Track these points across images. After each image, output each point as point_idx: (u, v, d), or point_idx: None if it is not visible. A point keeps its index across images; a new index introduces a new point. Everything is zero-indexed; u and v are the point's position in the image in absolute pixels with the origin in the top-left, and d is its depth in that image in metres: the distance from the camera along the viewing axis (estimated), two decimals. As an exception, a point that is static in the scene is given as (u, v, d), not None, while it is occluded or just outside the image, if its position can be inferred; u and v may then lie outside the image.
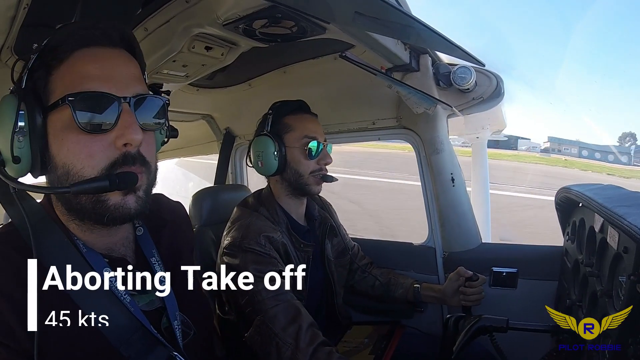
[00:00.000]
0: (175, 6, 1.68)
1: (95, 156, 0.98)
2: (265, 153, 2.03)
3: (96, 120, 0.97)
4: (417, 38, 1.84)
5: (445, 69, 2.41)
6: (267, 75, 2.85)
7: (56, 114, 0.98)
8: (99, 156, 0.99)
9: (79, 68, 1.00)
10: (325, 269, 2.30)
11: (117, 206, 1.01)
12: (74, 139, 0.98)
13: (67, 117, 0.96)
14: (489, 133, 3.95)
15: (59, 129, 0.98)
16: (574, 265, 2.00)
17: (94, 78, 0.99)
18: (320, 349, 1.73)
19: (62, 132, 0.98)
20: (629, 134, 27.08)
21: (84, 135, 0.97)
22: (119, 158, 1.00)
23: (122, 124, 0.99)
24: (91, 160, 0.98)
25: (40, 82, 1.00)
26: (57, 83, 1.00)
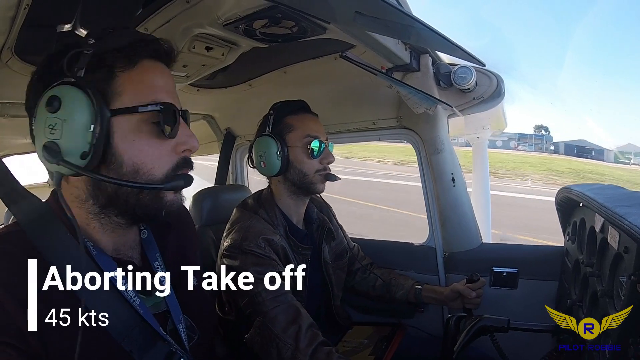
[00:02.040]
0: (175, 6, 1.68)
1: (162, 159, 1.09)
2: (268, 153, 2.04)
3: (168, 127, 1.07)
4: (418, 38, 1.84)
5: (446, 68, 2.41)
6: (267, 76, 2.85)
7: (127, 115, 1.04)
8: (165, 159, 1.09)
9: (150, 78, 1.09)
10: (322, 272, 2.30)
11: (172, 202, 1.13)
12: (145, 141, 1.06)
13: (139, 121, 1.05)
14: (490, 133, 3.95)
15: (127, 130, 1.04)
16: (575, 265, 2.00)
17: (162, 90, 1.10)
18: (320, 349, 1.73)
19: (133, 134, 1.05)
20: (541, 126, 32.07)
21: (155, 140, 1.07)
22: (180, 162, 1.11)
23: (184, 133, 1.12)
24: (159, 162, 1.08)
25: (102, 82, 1.04)
26: (125, 87, 1.05)
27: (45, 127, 0.99)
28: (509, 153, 29.98)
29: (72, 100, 0.99)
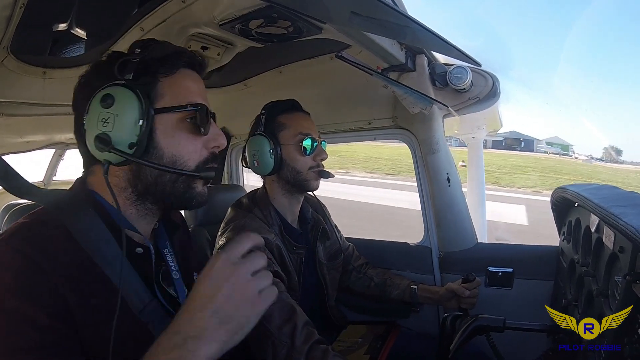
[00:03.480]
0: (171, 6, 1.68)
1: (196, 152, 1.22)
2: (261, 152, 2.04)
3: (202, 125, 1.22)
4: (413, 38, 1.84)
5: (442, 69, 2.41)
6: (263, 75, 2.86)
7: (169, 114, 1.18)
8: (198, 153, 1.23)
9: (187, 83, 1.25)
10: (317, 271, 2.31)
11: (202, 193, 1.26)
12: (184, 136, 1.20)
13: (178, 119, 1.20)
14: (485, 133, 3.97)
15: (169, 126, 1.18)
16: (570, 265, 2.00)
17: (196, 94, 1.25)
18: (315, 347, 1.73)
19: (174, 130, 1.19)
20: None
21: (192, 135, 1.21)
22: (209, 156, 1.26)
23: (214, 131, 1.27)
24: (194, 155, 1.22)
25: (148, 86, 1.16)
26: (165, 90, 1.19)
27: (99, 121, 1.11)
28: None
29: (124, 98, 1.11)
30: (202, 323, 0.91)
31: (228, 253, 0.98)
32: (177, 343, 0.89)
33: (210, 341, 0.91)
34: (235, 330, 0.94)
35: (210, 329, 0.92)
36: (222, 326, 0.93)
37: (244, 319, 0.96)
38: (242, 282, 0.96)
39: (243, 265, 0.97)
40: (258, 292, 0.98)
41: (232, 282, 0.95)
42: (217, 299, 0.93)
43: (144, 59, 1.18)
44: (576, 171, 28.95)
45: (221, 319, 0.93)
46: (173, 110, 1.19)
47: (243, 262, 0.98)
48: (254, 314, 0.97)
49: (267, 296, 1.00)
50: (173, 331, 0.92)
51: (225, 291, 0.94)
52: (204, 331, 0.91)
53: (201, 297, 0.94)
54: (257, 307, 0.98)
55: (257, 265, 1.00)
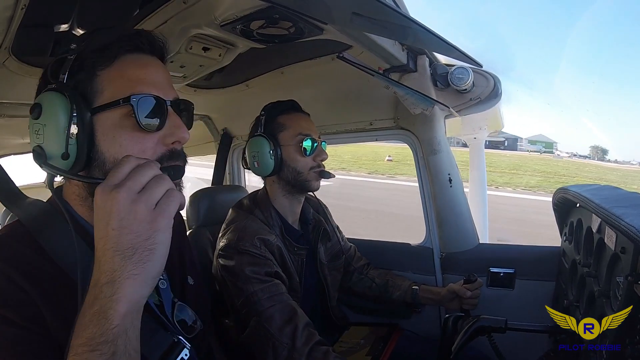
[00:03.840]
0: (172, 7, 1.68)
1: (147, 152, 1.08)
2: (261, 153, 2.04)
3: (150, 120, 1.08)
4: (415, 39, 1.83)
5: (443, 69, 2.41)
6: (264, 76, 2.85)
7: (107, 113, 1.06)
8: (150, 152, 1.08)
9: (129, 72, 1.10)
10: (318, 272, 2.31)
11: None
12: (127, 136, 1.07)
13: (119, 116, 1.06)
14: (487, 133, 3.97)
15: (109, 126, 1.06)
16: (572, 265, 2.00)
17: (143, 82, 1.10)
18: (316, 349, 1.74)
19: (114, 130, 1.06)
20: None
21: (137, 133, 1.07)
22: (166, 154, 1.11)
23: (172, 124, 1.12)
24: (143, 155, 1.05)
25: (84, 83, 1.06)
26: (104, 84, 1.07)
27: (32, 133, 1.04)
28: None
29: (50, 105, 1.03)
30: (110, 266, 0.85)
31: (103, 184, 0.90)
32: (96, 295, 0.84)
33: (124, 280, 0.84)
34: (143, 258, 0.86)
35: (119, 268, 0.85)
36: (128, 260, 0.85)
37: (147, 242, 0.87)
38: (127, 206, 0.86)
39: (121, 188, 0.87)
40: (153, 208, 0.89)
41: (116, 211, 0.86)
42: (110, 236, 0.86)
43: (80, 54, 1.07)
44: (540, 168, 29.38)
45: (123, 254, 0.85)
46: (107, 107, 1.06)
47: (121, 185, 0.88)
48: (158, 232, 0.88)
49: (166, 206, 0.90)
50: (92, 285, 0.86)
51: (115, 224, 0.86)
52: (114, 272, 0.84)
53: (99, 240, 0.87)
54: (157, 223, 0.88)
55: (140, 180, 0.90)
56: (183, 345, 1.13)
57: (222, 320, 2.05)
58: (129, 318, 0.85)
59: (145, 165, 0.93)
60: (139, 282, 0.86)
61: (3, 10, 1.33)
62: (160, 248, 0.88)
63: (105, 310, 0.82)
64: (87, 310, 0.84)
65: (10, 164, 3.37)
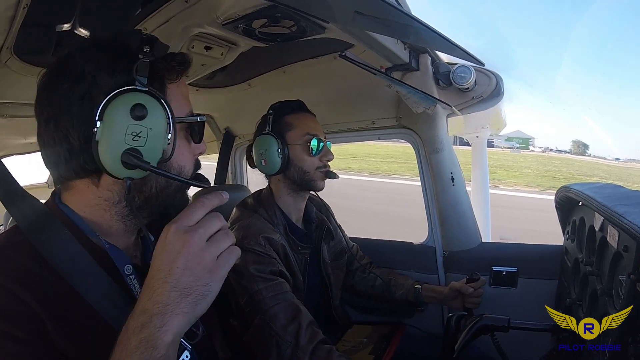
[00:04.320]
0: (174, 6, 1.68)
1: (192, 161, 1.21)
2: (269, 151, 2.04)
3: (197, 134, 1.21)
4: (417, 37, 1.83)
5: (445, 68, 2.40)
6: (266, 75, 2.85)
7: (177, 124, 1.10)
8: (192, 162, 1.22)
9: (184, 91, 1.20)
10: (321, 271, 2.31)
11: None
12: (185, 147, 1.18)
13: (180, 128, 1.14)
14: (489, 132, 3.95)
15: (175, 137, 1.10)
16: (574, 264, 2.00)
17: (189, 101, 1.21)
18: (320, 347, 1.74)
19: (178, 140, 1.11)
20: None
21: (187, 145, 1.19)
22: (197, 163, 1.25)
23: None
24: (190, 164, 1.20)
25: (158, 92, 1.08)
26: (172, 98, 1.11)
27: (127, 134, 1.02)
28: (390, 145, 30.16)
29: (155, 109, 1.05)
30: (164, 298, 0.90)
31: (178, 223, 0.95)
32: (144, 322, 0.88)
33: (175, 315, 0.90)
34: (197, 300, 0.92)
35: (172, 303, 0.90)
36: (183, 299, 0.91)
37: (204, 288, 0.93)
38: (196, 251, 0.93)
39: (195, 233, 0.94)
40: (215, 258, 0.96)
41: (185, 252, 0.92)
42: (173, 272, 0.91)
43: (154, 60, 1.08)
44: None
45: (181, 292, 0.91)
46: (185, 121, 1.16)
47: (194, 230, 0.94)
48: (214, 281, 0.95)
49: (226, 260, 0.98)
50: (139, 311, 0.90)
51: (181, 263, 0.91)
52: (167, 306, 0.89)
53: (158, 272, 0.92)
54: (216, 274, 0.95)
55: (210, 229, 0.97)
56: (184, 347, 1.15)
57: (226, 318, 2.05)
58: (172, 348, 0.90)
59: (217, 216, 1.00)
60: (187, 320, 0.92)
61: (5, 9, 1.33)
62: (212, 295, 0.95)
63: (154, 340, 0.87)
64: (133, 336, 0.88)
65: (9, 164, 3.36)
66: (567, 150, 39.71)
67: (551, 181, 21.06)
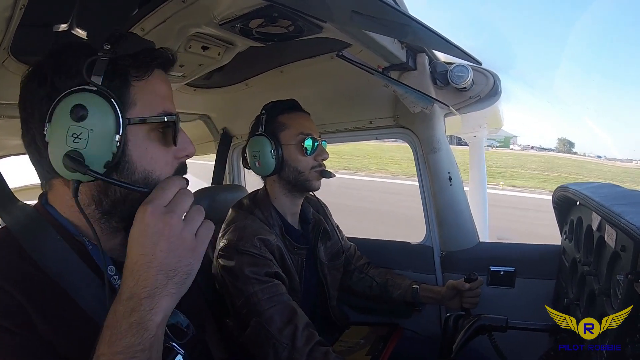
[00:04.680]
0: (171, 6, 1.67)
1: (167, 165, 1.13)
2: (263, 152, 2.03)
3: (174, 136, 1.12)
4: (414, 37, 1.83)
5: (442, 67, 2.40)
6: (264, 75, 2.85)
7: (139, 125, 1.06)
8: (169, 165, 1.13)
9: (158, 88, 1.13)
10: (318, 272, 2.30)
11: None
12: (155, 149, 1.10)
13: (148, 129, 1.08)
14: (486, 132, 3.96)
15: (141, 138, 1.07)
16: (572, 264, 2.00)
17: (168, 100, 1.14)
18: (316, 349, 1.74)
19: (145, 142, 1.08)
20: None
21: (162, 147, 1.11)
22: (179, 167, 1.17)
23: (183, 139, 1.15)
24: (165, 168, 1.12)
25: (118, 90, 1.04)
26: (138, 97, 1.07)
27: (68, 135, 0.98)
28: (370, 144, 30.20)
29: (99, 110, 0.99)
30: (151, 282, 0.91)
31: (154, 203, 0.95)
32: (134, 306, 0.89)
33: (163, 296, 0.92)
34: (182, 280, 0.95)
35: (160, 286, 0.92)
36: (170, 280, 0.93)
37: (187, 267, 0.96)
38: (177, 233, 0.94)
39: (173, 214, 0.95)
40: (194, 236, 0.97)
41: (167, 235, 0.93)
42: (157, 256, 0.92)
43: (115, 57, 1.04)
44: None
45: (167, 274, 0.92)
46: (146, 120, 1.07)
47: (172, 211, 0.95)
48: (195, 259, 0.98)
49: (204, 236, 1.00)
50: (126, 297, 0.90)
51: (164, 246, 0.92)
52: (155, 289, 0.91)
53: (141, 256, 0.92)
54: (197, 252, 0.98)
55: (185, 207, 0.98)
56: (177, 351, 1.15)
57: (223, 320, 2.05)
58: (160, 328, 0.92)
59: (188, 192, 1.01)
60: (174, 299, 0.95)
61: (2, 10, 1.33)
62: (194, 272, 0.98)
63: (145, 322, 0.89)
64: (123, 319, 0.89)
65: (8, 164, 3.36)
66: (552, 148, 39.88)
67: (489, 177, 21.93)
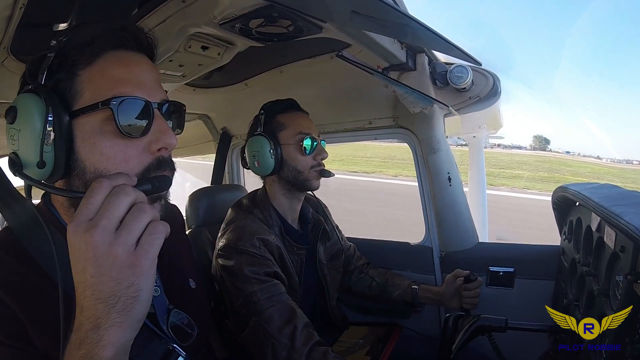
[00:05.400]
0: (171, 6, 1.67)
1: (131, 161, 0.97)
2: (262, 152, 2.03)
3: (133, 125, 0.97)
4: (414, 37, 1.83)
5: (442, 68, 2.40)
6: (263, 75, 2.85)
7: (86, 117, 0.96)
8: (134, 161, 0.98)
9: (111, 72, 0.99)
10: (318, 272, 2.30)
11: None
12: (108, 143, 0.96)
13: (100, 120, 0.96)
14: (486, 132, 3.96)
15: (89, 133, 0.96)
16: (571, 264, 2.00)
17: (126, 83, 0.99)
18: (315, 349, 1.74)
19: (94, 136, 0.96)
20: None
21: (119, 140, 0.97)
22: (153, 162, 1.00)
23: (157, 129, 1.00)
24: (126, 165, 0.97)
25: (63, 83, 0.97)
26: (85, 85, 0.97)
27: (8, 138, 0.95)
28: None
29: (25, 108, 0.94)
30: (93, 312, 0.78)
31: (75, 220, 0.80)
32: (82, 338, 0.78)
33: (109, 327, 0.78)
34: (127, 306, 0.79)
35: (103, 316, 0.78)
36: (112, 308, 0.78)
37: (130, 289, 0.79)
38: (104, 251, 0.77)
39: (95, 229, 0.78)
40: (132, 248, 0.80)
41: (92, 257, 0.77)
42: (89, 283, 0.78)
43: (61, 51, 0.98)
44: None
45: (106, 302, 0.78)
46: (86, 111, 0.95)
47: (94, 225, 0.78)
48: (140, 277, 0.80)
49: (148, 244, 0.81)
50: (76, 326, 0.80)
51: (93, 270, 0.78)
52: (98, 320, 0.78)
53: (78, 284, 0.80)
54: (139, 267, 0.80)
55: (115, 213, 0.80)
56: (178, 353, 1.07)
57: (222, 320, 2.05)
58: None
59: (120, 193, 0.82)
60: (124, 329, 0.80)
61: (2, 9, 1.32)
62: (144, 293, 0.81)
63: (92, 356, 0.77)
64: (73, 351, 0.79)
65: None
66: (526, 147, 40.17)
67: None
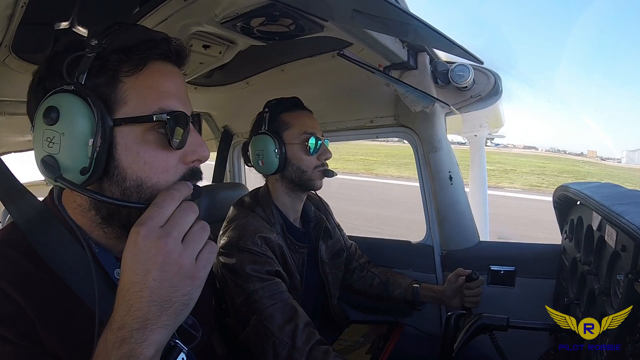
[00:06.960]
0: (173, 4, 1.67)
1: (170, 170, 1.01)
2: (266, 151, 2.02)
3: (177, 137, 0.99)
4: (416, 36, 1.83)
5: (443, 66, 2.40)
6: (265, 74, 2.85)
7: (131, 125, 0.96)
8: (172, 170, 1.01)
9: (157, 83, 1.01)
10: (319, 270, 2.30)
11: None
12: (152, 153, 0.98)
13: (144, 130, 0.97)
14: (487, 131, 3.96)
15: (132, 141, 0.97)
16: (572, 263, 2.00)
17: (171, 96, 1.02)
18: (316, 348, 1.73)
19: (137, 145, 0.97)
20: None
21: (161, 150, 0.99)
22: (187, 172, 1.04)
23: (193, 142, 1.03)
24: (166, 174, 1.00)
25: (105, 88, 0.96)
26: (129, 94, 0.98)
27: (44, 140, 0.92)
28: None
29: (71, 110, 0.91)
30: (143, 313, 0.82)
31: (147, 225, 0.84)
32: (124, 337, 0.80)
33: (156, 329, 0.82)
34: (178, 311, 0.85)
35: (153, 317, 0.82)
36: (164, 311, 0.83)
37: (185, 297, 0.85)
38: (172, 259, 0.83)
39: (169, 238, 0.84)
40: (194, 261, 0.86)
41: (161, 263, 0.82)
42: (150, 285, 0.82)
43: (102, 52, 0.95)
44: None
45: (161, 305, 0.83)
46: (136, 121, 0.96)
47: (168, 234, 0.84)
48: (195, 288, 0.87)
49: (206, 261, 0.89)
50: (117, 326, 0.82)
51: (157, 275, 0.82)
52: (147, 321, 0.81)
53: (132, 284, 0.83)
54: (197, 279, 0.87)
55: (184, 226, 0.87)
56: (180, 348, 1.03)
57: (223, 318, 2.05)
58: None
59: (188, 209, 0.90)
60: (169, 331, 0.85)
61: (3, 8, 1.33)
62: (194, 302, 0.88)
63: (135, 355, 0.80)
64: (113, 350, 0.80)
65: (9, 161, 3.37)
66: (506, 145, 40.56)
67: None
